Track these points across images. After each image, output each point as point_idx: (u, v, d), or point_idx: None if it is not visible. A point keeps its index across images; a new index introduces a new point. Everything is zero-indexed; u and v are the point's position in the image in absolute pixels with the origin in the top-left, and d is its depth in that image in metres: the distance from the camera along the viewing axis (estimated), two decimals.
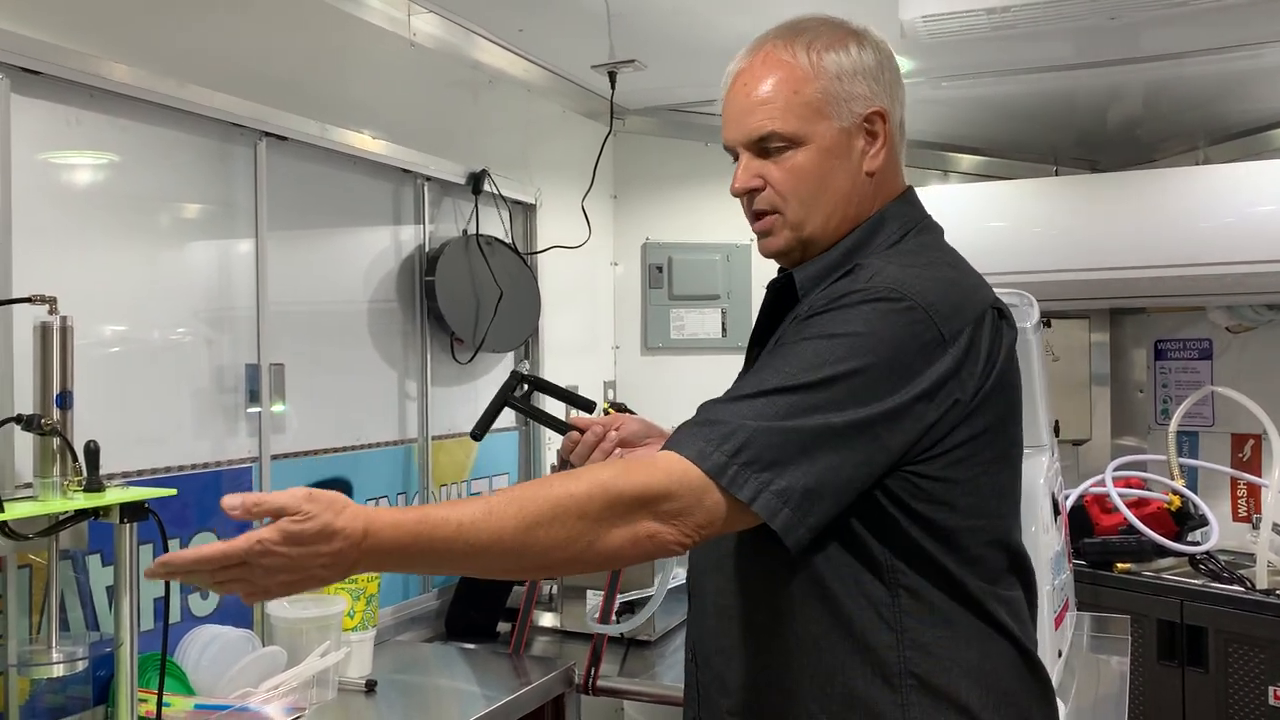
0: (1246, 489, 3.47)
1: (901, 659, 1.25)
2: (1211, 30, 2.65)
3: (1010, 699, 1.29)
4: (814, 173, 1.34)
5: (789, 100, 1.33)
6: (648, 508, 1.12)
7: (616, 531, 1.12)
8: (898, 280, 1.25)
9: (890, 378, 1.19)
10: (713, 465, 1.14)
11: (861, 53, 1.35)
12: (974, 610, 1.28)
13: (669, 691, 2.29)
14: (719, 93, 1.44)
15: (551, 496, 1.11)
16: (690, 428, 1.19)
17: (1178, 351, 3.73)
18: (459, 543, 1.07)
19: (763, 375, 1.21)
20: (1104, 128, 3.59)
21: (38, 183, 1.79)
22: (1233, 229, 2.95)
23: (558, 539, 1.10)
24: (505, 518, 1.08)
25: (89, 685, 1.82)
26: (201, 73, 2.05)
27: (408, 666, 2.32)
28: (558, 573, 1.23)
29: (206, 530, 2.08)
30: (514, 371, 1.74)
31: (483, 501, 1.10)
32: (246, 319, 2.19)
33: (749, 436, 1.15)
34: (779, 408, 1.17)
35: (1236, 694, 2.80)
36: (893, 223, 1.38)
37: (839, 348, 1.19)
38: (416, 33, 2.64)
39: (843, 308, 1.24)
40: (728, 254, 3.67)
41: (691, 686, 1.47)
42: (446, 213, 2.85)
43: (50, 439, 1.61)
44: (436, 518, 1.07)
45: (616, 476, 1.13)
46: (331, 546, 1.04)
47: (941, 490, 1.25)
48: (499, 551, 1.09)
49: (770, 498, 1.14)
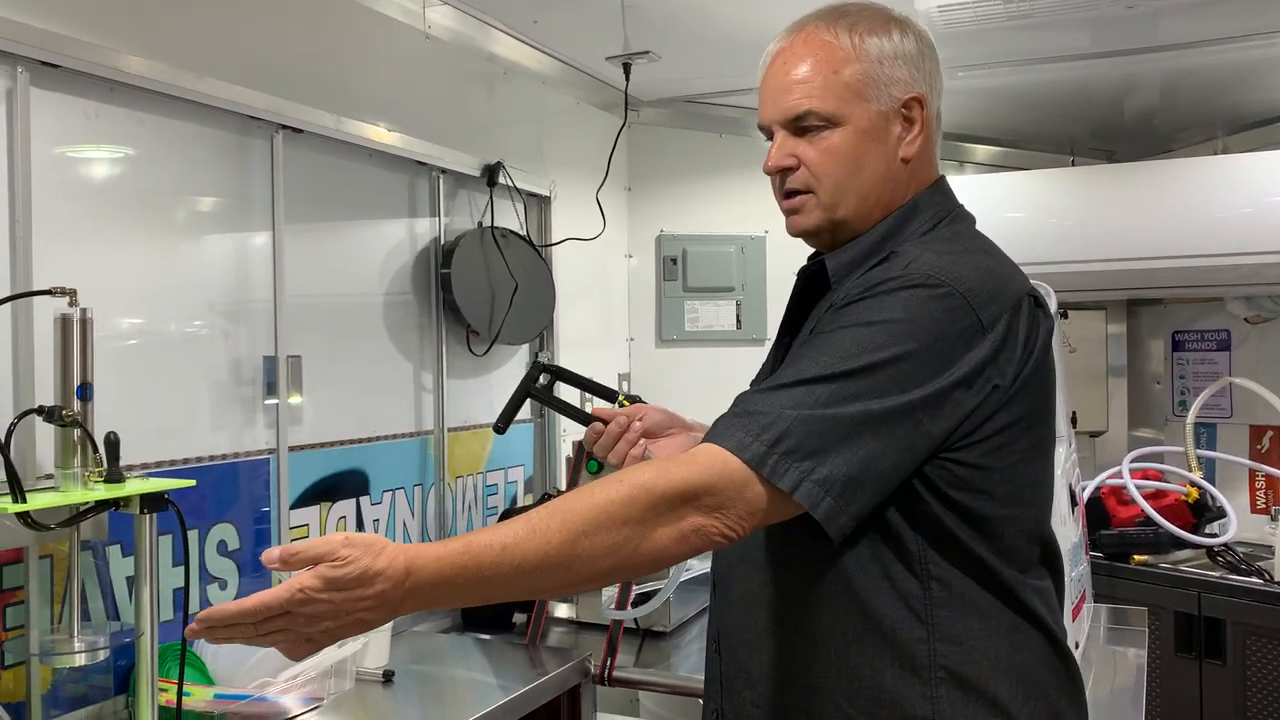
0: (1265, 480, 3.45)
1: (932, 652, 1.24)
2: (1229, 19, 2.64)
3: (1040, 690, 1.28)
4: (849, 154, 1.33)
5: (828, 80, 1.32)
6: (690, 503, 1.12)
7: (662, 531, 1.11)
8: (935, 267, 1.24)
9: (930, 364, 1.18)
10: (753, 455, 1.13)
11: (904, 39, 1.35)
12: (1006, 600, 1.27)
13: (685, 682, 2.30)
14: (737, 83, 1.44)
15: (594, 505, 1.10)
16: (729, 419, 1.18)
17: (1195, 343, 3.70)
18: (505, 565, 1.05)
19: (800, 365, 1.20)
20: (1121, 118, 3.57)
21: (57, 176, 1.80)
22: (1251, 219, 2.93)
23: (604, 546, 1.09)
24: (550, 532, 1.07)
25: (110, 674, 1.84)
26: (218, 66, 2.05)
27: (424, 657, 2.33)
28: (607, 581, 1.22)
29: (225, 521, 2.10)
30: (536, 361, 1.72)
31: (523, 521, 1.09)
32: (264, 311, 2.20)
33: (789, 426, 1.14)
34: (818, 396, 1.16)
35: (1254, 686, 2.78)
36: (926, 211, 1.38)
37: (878, 335, 1.19)
38: (431, 25, 2.64)
39: (880, 294, 1.22)
40: (742, 246, 3.67)
41: (714, 678, 1.45)
42: (461, 205, 2.85)
43: (71, 430, 1.62)
44: (480, 544, 1.06)
45: (657, 476, 1.12)
46: (374, 589, 1.02)
47: (979, 478, 1.24)
48: (548, 567, 1.07)
49: (812, 486, 1.13)
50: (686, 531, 1.12)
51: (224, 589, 2.10)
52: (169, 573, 1.91)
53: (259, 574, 2.16)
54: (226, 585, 2.10)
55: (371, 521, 2.50)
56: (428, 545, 1.06)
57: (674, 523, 1.11)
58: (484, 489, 2.95)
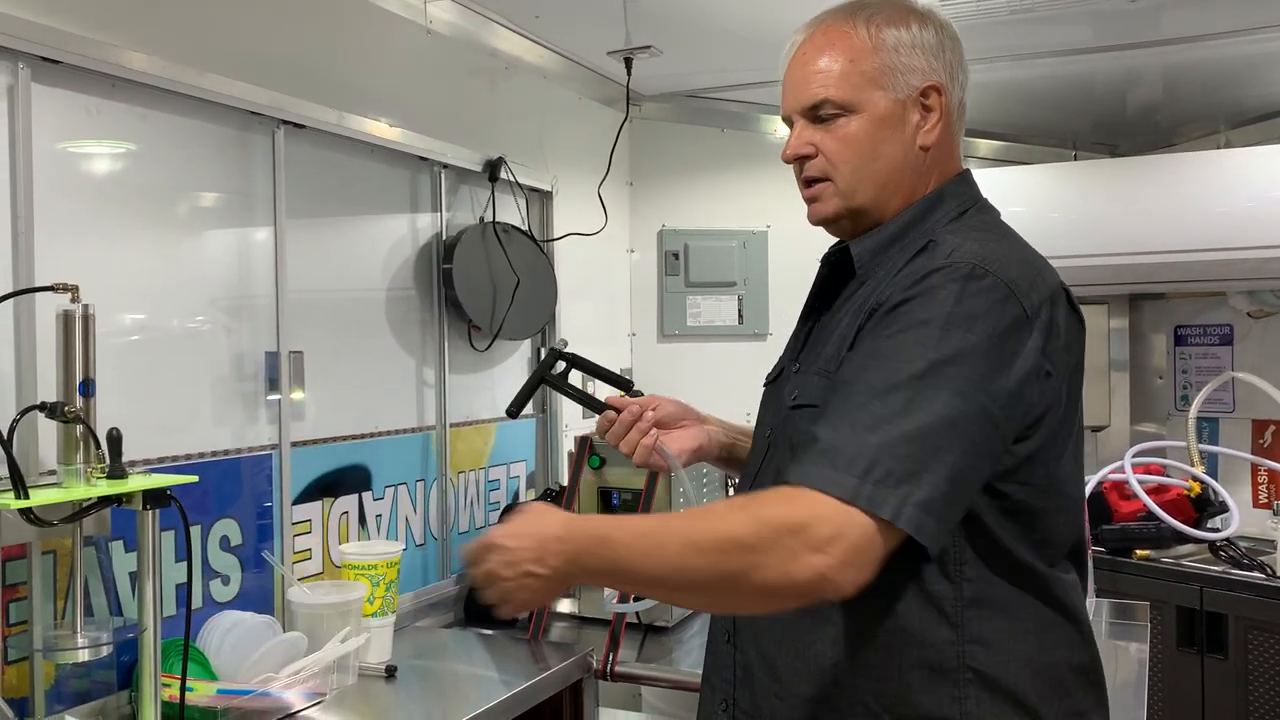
0: (1267, 475, 3.45)
1: (960, 653, 1.24)
2: (1231, 12, 2.63)
3: (1066, 690, 1.28)
4: (865, 141, 1.34)
5: (845, 70, 1.34)
6: (797, 536, 1.11)
7: (769, 565, 1.12)
8: (978, 256, 1.24)
9: (990, 357, 1.18)
10: (847, 490, 1.12)
11: (923, 30, 1.36)
12: (1037, 597, 1.27)
13: (687, 677, 2.30)
14: (739, 77, 1.45)
15: (711, 530, 1.15)
16: (811, 458, 1.17)
17: (1198, 337, 3.70)
18: (624, 563, 1.18)
19: (867, 376, 1.19)
20: (1123, 112, 3.56)
21: (59, 172, 1.80)
22: (1254, 213, 2.93)
23: (710, 575, 1.15)
24: (673, 537, 1.17)
25: (113, 670, 1.85)
26: (220, 61, 2.05)
27: (427, 652, 2.34)
28: (718, 605, 1.25)
29: (227, 517, 2.10)
30: (552, 348, 1.69)
31: (659, 517, 1.18)
32: (266, 307, 2.20)
33: (876, 454, 1.13)
34: (892, 408, 1.15)
35: (1256, 681, 2.78)
36: (951, 200, 1.38)
37: (935, 333, 1.18)
38: (433, 20, 2.64)
39: (931, 290, 1.22)
40: (744, 241, 3.67)
41: (725, 668, 1.44)
42: (463, 200, 2.85)
43: (73, 426, 1.62)
44: (627, 524, 1.20)
45: (762, 511, 1.14)
46: (537, 535, 1.19)
47: (1027, 470, 1.24)
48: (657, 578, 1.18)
49: (913, 511, 1.12)
50: (804, 572, 1.11)
51: (226, 584, 2.10)
52: (172, 568, 1.92)
53: (262, 570, 2.17)
54: (229, 580, 2.11)
55: (374, 517, 2.50)
56: (587, 517, 1.21)
57: (783, 559, 1.11)
58: (486, 484, 2.95)
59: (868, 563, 1.12)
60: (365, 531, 2.48)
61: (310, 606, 2.07)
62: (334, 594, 2.11)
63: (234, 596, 2.11)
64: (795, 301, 1.71)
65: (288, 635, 2.03)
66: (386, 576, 2.20)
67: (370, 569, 2.18)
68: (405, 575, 2.41)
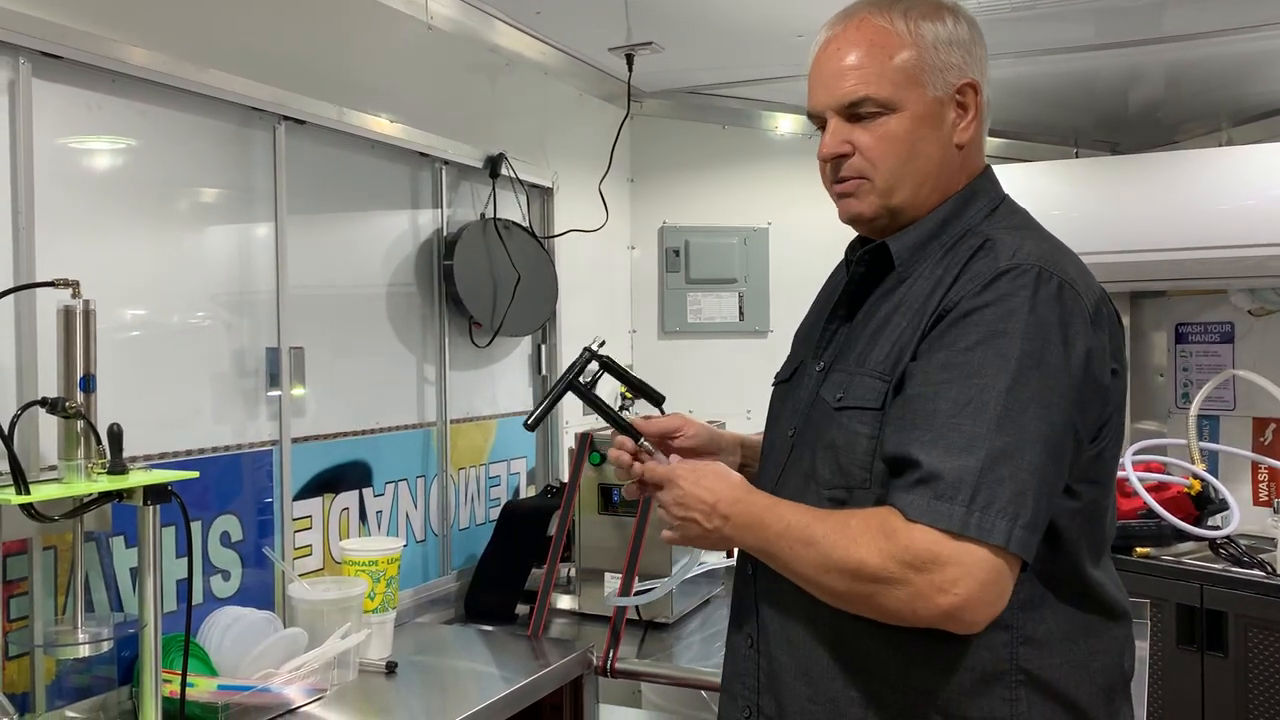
0: (1268, 473, 3.45)
1: (1013, 654, 1.23)
2: (1234, 10, 2.63)
3: (1111, 694, 1.29)
4: (905, 140, 1.32)
5: (883, 65, 1.31)
6: (922, 575, 1.14)
7: (898, 596, 1.16)
8: (1042, 257, 1.24)
9: (1070, 364, 1.19)
10: (955, 522, 1.13)
11: (956, 25, 1.34)
12: (1087, 595, 1.28)
13: (687, 674, 2.30)
14: (740, 74, 1.44)
15: (844, 552, 1.20)
16: (913, 487, 1.17)
17: (1199, 335, 3.70)
18: (779, 544, 1.26)
19: (951, 391, 1.19)
20: (1125, 109, 3.56)
21: (59, 168, 1.79)
22: (1255, 211, 2.92)
23: (838, 590, 1.22)
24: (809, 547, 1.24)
25: (114, 665, 1.85)
26: (221, 57, 2.05)
27: (427, 648, 2.34)
28: (852, 610, 1.27)
29: (228, 513, 2.10)
30: (585, 349, 1.57)
31: (807, 516, 1.26)
32: (266, 303, 2.20)
33: (977, 479, 1.14)
34: (985, 426, 1.15)
35: (1256, 679, 2.79)
36: (983, 196, 1.38)
37: (1016, 344, 1.18)
38: (434, 16, 2.64)
39: (1003, 297, 1.21)
40: (745, 238, 3.66)
41: (748, 674, 1.41)
42: (464, 196, 2.85)
43: (74, 422, 1.62)
44: (775, 513, 1.28)
45: (888, 543, 1.17)
46: (713, 493, 1.33)
47: (1097, 467, 1.26)
48: (797, 573, 1.26)
49: (1022, 533, 1.14)
50: (930, 610, 1.15)
51: (227, 580, 2.10)
52: (172, 564, 1.92)
53: (262, 566, 2.17)
54: (230, 576, 2.11)
55: (375, 513, 2.50)
56: (753, 492, 1.33)
57: (910, 597, 1.15)
58: (486, 481, 2.95)
59: (999, 596, 1.15)
60: (366, 527, 2.48)
61: (311, 602, 2.07)
62: (334, 590, 2.11)
63: (235, 592, 2.12)
64: (796, 299, 1.71)
65: (288, 631, 2.03)
66: (387, 573, 2.20)
67: (371, 565, 2.18)
68: (406, 571, 2.41)
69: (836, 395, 1.32)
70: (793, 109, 3.59)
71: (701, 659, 2.34)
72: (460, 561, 2.79)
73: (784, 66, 3.17)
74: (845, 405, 1.31)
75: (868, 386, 1.29)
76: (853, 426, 1.28)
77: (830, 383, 1.36)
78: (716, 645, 2.45)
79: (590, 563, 2.63)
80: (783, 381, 1.52)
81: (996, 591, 1.14)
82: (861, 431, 1.27)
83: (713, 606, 2.74)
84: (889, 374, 1.27)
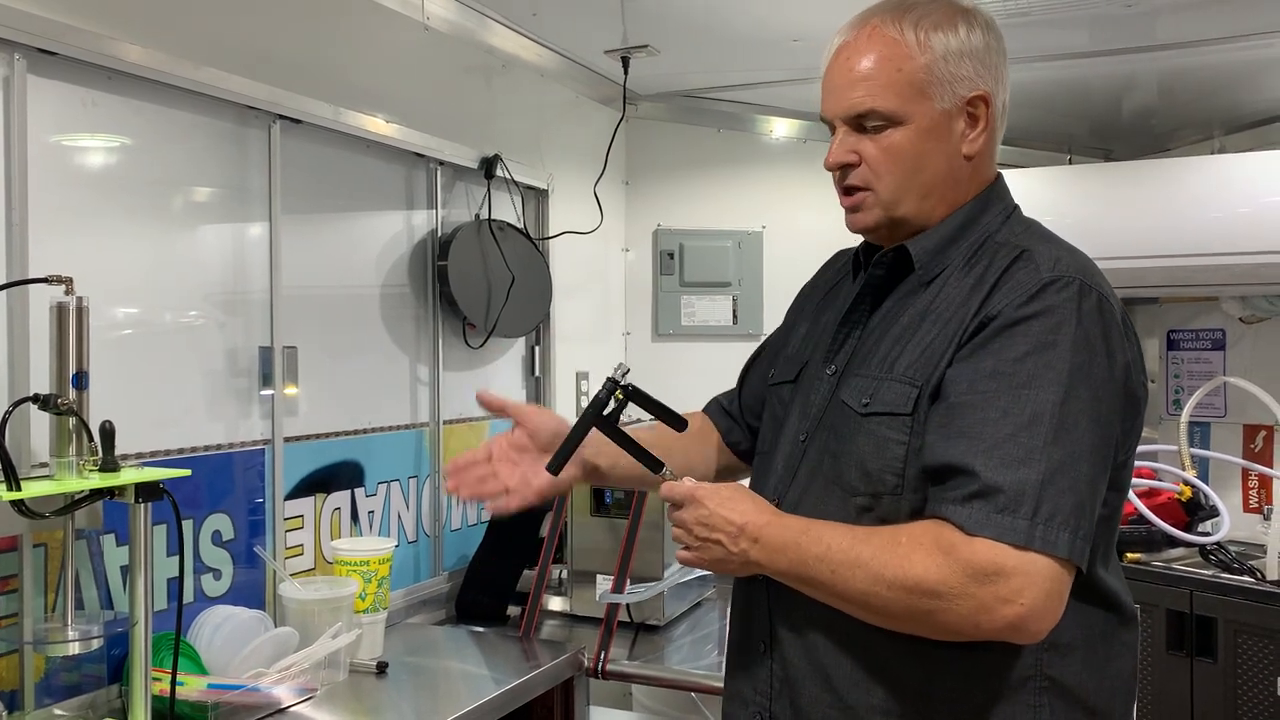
0: (1258, 480, 3.46)
1: (1038, 660, 1.24)
2: (1227, 18, 2.64)
3: (1127, 698, 1.31)
4: (910, 153, 1.32)
5: (891, 78, 1.30)
6: (986, 585, 1.14)
7: (960, 610, 1.15)
8: (1079, 269, 1.25)
9: (1113, 376, 1.21)
10: (1021, 536, 1.13)
11: (970, 34, 1.33)
12: (1104, 600, 1.29)
13: (678, 676, 2.30)
14: (735, 78, 1.44)
15: (900, 569, 1.17)
16: (971, 502, 1.16)
17: (1190, 342, 3.71)
18: (821, 569, 1.22)
19: (1001, 403, 1.18)
20: (1119, 116, 3.57)
21: (54, 164, 1.79)
22: (1247, 219, 2.93)
23: (892, 609, 1.19)
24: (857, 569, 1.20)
25: (103, 664, 1.84)
26: (217, 55, 2.05)
27: (418, 649, 2.33)
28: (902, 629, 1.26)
29: (220, 511, 2.09)
30: (609, 379, 1.41)
31: (850, 542, 1.21)
32: (260, 302, 2.20)
33: (1039, 492, 1.14)
34: (1042, 439, 1.16)
35: (1245, 684, 2.79)
36: (997, 203, 1.39)
37: (1065, 355, 1.19)
38: (430, 16, 2.64)
39: (1050, 310, 1.21)
40: (739, 241, 3.67)
41: (761, 679, 1.38)
42: (459, 197, 2.85)
43: (66, 419, 1.62)
44: (811, 534, 1.24)
45: (948, 558, 1.15)
46: (737, 520, 1.26)
47: (1122, 476, 1.27)
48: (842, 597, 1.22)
49: (1081, 545, 1.15)
50: (995, 622, 1.14)
51: (218, 579, 2.10)
52: (163, 562, 1.91)
53: (253, 565, 2.16)
54: (220, 575, 2.10)
55: (366, 513, 2.50)
56: (781, 515, 1.28)
57: (973, 610, 1.15)
58: None
59: (1060, 605, 1.16)
60: (357, 528, 2.48)
61: (301, 602, 2.07)
62: (325, 590, 2.11)
63: (225, 591, 2.11)
64: (790, 302, 1.71)
65: (279, 630, 2.03)
66: (378, 573, 2.20)
67: (362, 565, 2.18)
68: (397, 572, 2.41)
69: (863, 400, 1.30)
70: (788, 113, 3.59)
71: (692, 661, 2.35)
72: (452, 562, 2.79)
73: (779, 71, 3.18)
74: (874, 411, 1.29)
75: (897, 392, 1.27)
76: (882, 432, 1.27)
77: (852, 387, 1.33)
78: (707, 648, 2.45)
79: (582, 564, 2.63)
80: (787, 382, 1.49)
81: (1059, 601, 1.16)
82: (892, 437, 1.26)
83: (703, 609, 2.75)
84: (919, 380, 1.26)
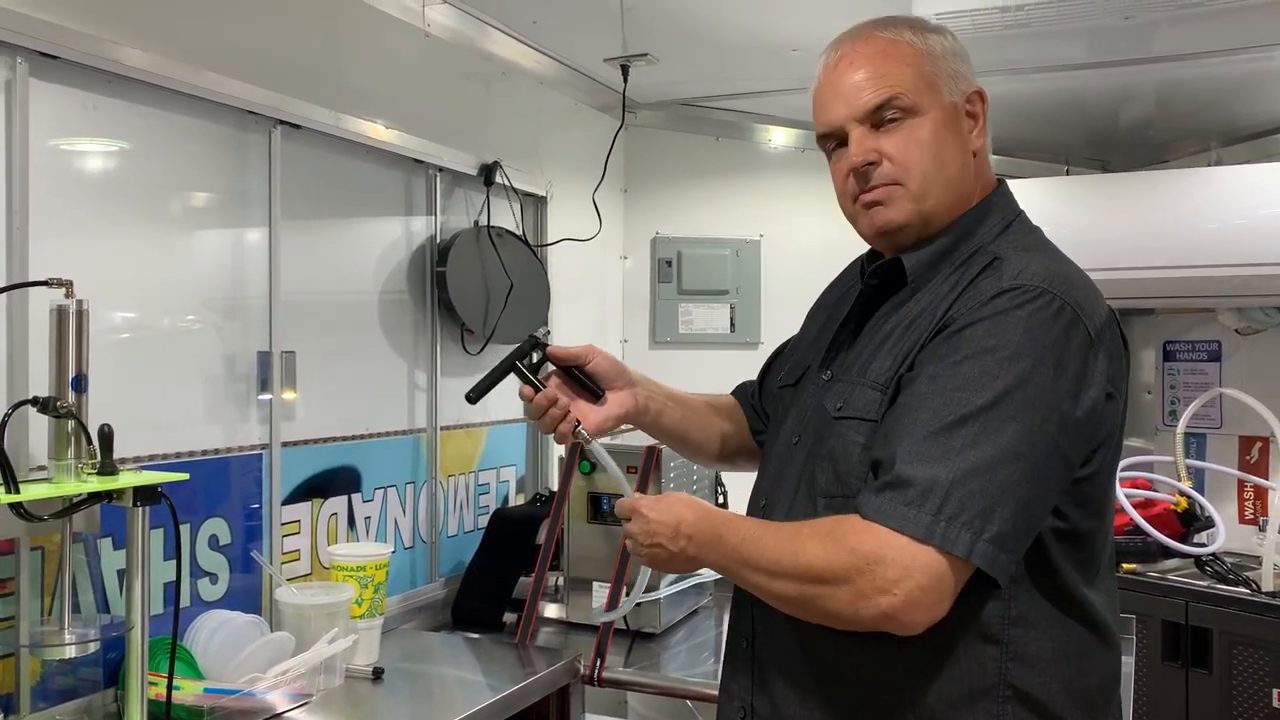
0: (1254, 491, 3.46)
1: (1002, 669, 1.23)
2: (1225, 31, 2.65)
3: (1097, 713, 1.30)
4: (932, 143, 1.32)
5: (902, 70, 1.32)
6: (863, 574, 1.16)
7: (841, 597, 1.18)
8: (1045, 278, 1.24)
9: (1059, 385, 1.18)
10: (921, 529, 1.14)
11: (955, 41, 1.38)
12: (1078, 618, 1.28)
13: (673, 683, 2.30)
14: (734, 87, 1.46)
15: (793, 555, 1.22)
16: (882, 491, 1.18)
17: (1187, 353, 3.72)
18: (735, 554, 1.28)
19: (934, 404, 1.19)
20: (1116, 128, 3.58)
21: (54, 168, 1.79)
22: (1244, 231, 2.95)
23: (789, 594, 1.24)
24: (765, 551, 1.26)
25: (99, 667, 1.84)
26: (218, 60, 2.05)
27: (414, 655, 2.33)
28: (803, 617, 1.28)
29: (217, 516, 2.09)
30: (530, 335, 1.63)
31: (761, 527, 1.29)
32: (259, 307, 2.20)
33: (947, 490, 1.14)
34: (962, 440, 1.16)
35: (1240, 696, 2.80)
36: (996, 213, 1.38)
37: (1004, 361, 1.18)
38: (431, 23, 2.65)
39: (999, 314, 1.21)
40: (737, 249, 3.68)
41: (743, 674, 1.43)
42: (458, 204, 2.86)
43: (65, 422, 1.62)
44: (734, 526, 1.30)
45: (838, 544, 1.19)
46: (671, 522, 1.33)
47: (1084, 491, 1.25)
48: (748, 581, 1.29)
49: (986, 547, 1.14)
50: (870, 610, 1.16)
51: (214, 583, 2.10)
52: (160, 566, 1.91)
53: (250, 570, 2.16)
54: (217, 579, 2.10)
55: (363, 519, 2.50)
56: (714, 512, 1.35)
57: (851, 597, 1.17)
58: (476, 488, 2.95)
59: (937, 601, 1.15)
60: (354, 533, 2.48)
61: (298, 607, 2.07)
62: (322, 595, 2.11)
63: (222, 596, 2.11)
64: (788, 311, 1.72)
65: (275, 635, 2.02)
66: (375, 579, 2.19)
67: (359, 571, 2.18)
68: (393, 578, 2.41)
69: (837, 405, 1.33)
70: (786, 122, 3.61)
71: (688, 668, 2.35)
72: (448, 569, 2.79)
73: (778, 80, 3.19)
74: (844, 415, 1.31)
75: (867, 398, 1.29)
76: (850, 436, 1.29)
77: (833, 392, 1.36)
78: (704, 655, 2.45)
79: (578, 572, 2.63)
80: (789, 385, 1.52)
81: (938, 597, 1.15)
82: (857, 441, 1.28)
83: (700, 617, 2.75)
84: (886, 386, 1.28)
